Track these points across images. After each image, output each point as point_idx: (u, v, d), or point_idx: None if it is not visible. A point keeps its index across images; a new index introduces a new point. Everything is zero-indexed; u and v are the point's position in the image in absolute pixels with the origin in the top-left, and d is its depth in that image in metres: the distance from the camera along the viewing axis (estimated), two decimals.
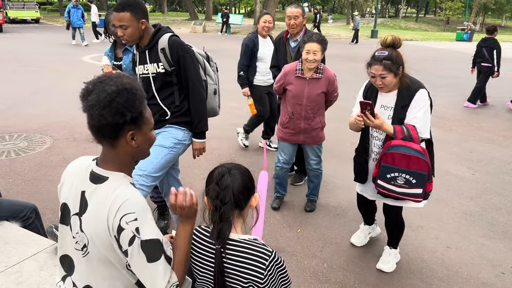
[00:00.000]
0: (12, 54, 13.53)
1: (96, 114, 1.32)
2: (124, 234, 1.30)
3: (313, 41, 3.34)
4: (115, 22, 2.49)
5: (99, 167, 1.42)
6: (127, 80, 1.38)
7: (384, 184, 2.61)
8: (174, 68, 2.65)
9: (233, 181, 1.43)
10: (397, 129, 2.55)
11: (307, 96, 3.51)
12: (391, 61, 2.53)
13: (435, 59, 16.95)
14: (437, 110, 8.12)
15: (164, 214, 3.63)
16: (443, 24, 49.15)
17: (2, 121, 6.23)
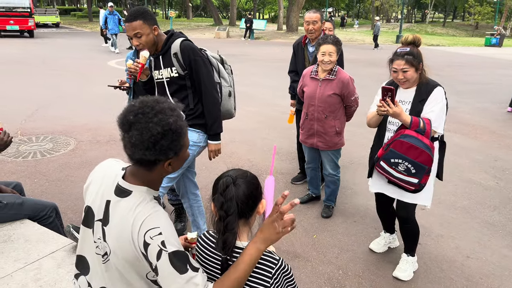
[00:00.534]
0: (41, 58, 13.99)
1: (139, 153, 1.32)
2: (151, 249, 1.30)
3: (328, 43, 3.42)
4: (129, 33, 2.56)
5: (125, 180, 1.42)
6: (172, 119, 1.33)
7: (385, 166, 2.74)
8: (187, 72, 2.71)
9: (237, 192, 1.39)
10: (414, 121, 2.63)
11: (319, 97, 3.56)
12: (413, 56, 2.66)
13: (462, 65, 16.58)
14: (462, 116, 7.93)
15: (181, 217, 3.68)
16: (471, 29, 47.99)
17: (30, 123, 6.44)
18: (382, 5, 51.46)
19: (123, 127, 1.34)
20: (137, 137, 1.30)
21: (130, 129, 1.31)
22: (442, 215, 4.00)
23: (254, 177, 1.48)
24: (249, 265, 1.35)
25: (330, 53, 3.41)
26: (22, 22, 21.45)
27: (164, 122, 1.31)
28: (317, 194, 4.17)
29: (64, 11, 62.00)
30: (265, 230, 1.38)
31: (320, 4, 51.45)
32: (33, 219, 2.75)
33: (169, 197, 3.61)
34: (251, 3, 55.76)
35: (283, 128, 6.78)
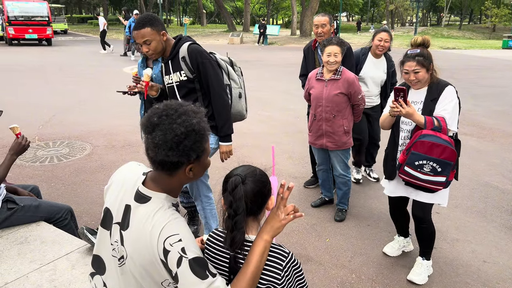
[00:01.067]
0: (58, 66, 14.28)
1: (162, 154, 1.33)
2: (171, 256, 1.30)
3: (333, 44, 3.47)
4: (138, 40, 2.59)
5: (145, 185, 1.43)
6: (195, 120, 1.35)
7: (410, 170, 2.70)
8: (195, 75, 2.75)
9: (246, 191, 1.42)
10: (428, 120, 2.65)
11: (326, 97, 3.59)
12: (423, 57, 2.71)
13: (479, 68, 16.33)
14: (478, 120, 7.81)
15: (194, 220, 3.70)
16: (488, 32, 47.30)
17: (47, 129, 6.58)
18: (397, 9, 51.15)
19: (147, 129, 1.35)
20: (160, 137, 1.31)
21: (154, 130, 1.33)
22: (458, 219, 3.93)
23: (263, 174, 1.50)
24: (260, 257, 1.38)
25: (336, 53, 3.46)
26: (40, 31, 21.97)
27: (187, 123, 1.33)
28: (330, 198, 4.15)
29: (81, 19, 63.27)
30: (270, 220, 1.45)
31: (334, 8, 51.41)
32: (49, 221, 2.80)
33: (181, 199, 3.63)
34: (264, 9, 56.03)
35: (296, 132, 6.78)
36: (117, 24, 51.92)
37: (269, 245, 1.42)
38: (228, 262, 1.47)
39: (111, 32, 37.43)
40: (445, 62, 18.05)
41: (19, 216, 2.70)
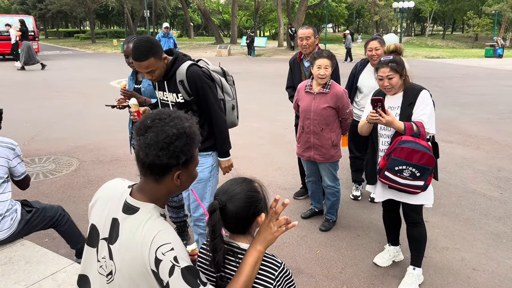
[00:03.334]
0: (45, 80, 14.16)
1: (152, 154, 1.33)
2: (163, 266, 1.29)
3: (324, 57, 3.50)
4: (142, 70, 2.48)
5: (132, 196, 1.42)
6: (187, 124, 1.38)
7: (390, 175, 2.77)
8: (193, 98, 2.67)
9: (226, 215, 1.44)
10: (408, 126, 2.72)
11: (314, 110, 3.60)
12: (396, 63, 2.81)
13: (463, 76, 16.62)
14: (464, 128, 7.92)
15: (183, 234, 3.66)
16: (471, 41, 48.28)
17: (33, 145, 6.49)
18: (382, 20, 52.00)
19: (140, 131, 1.37)
20: (152, 137, 1.33)
21: (147, 132, 1.35)
22: (447, 227, 3.96)
23: (249, 195, 1.48)
24: (252, 267, 1.40)
25: (326, 66, 3.48)
26: None
27: (179, 126, 1.36)
28: (319, 209, 4.15)
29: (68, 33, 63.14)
30: (263, 232, 1.46)
31: (320, 20, 52.14)
32: (55, 223, 2.96)
33: (170, 214, 3.60)
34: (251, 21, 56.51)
35: (285, 143, 6.80)
36: (104, 37, 51.89)
37: (262, 256, 1.43)
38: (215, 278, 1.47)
39: (97, 45, 37.34)
40: (430, 71, 18.34)
41: (36, 218, 2.86)
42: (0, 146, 2.75)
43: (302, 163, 4.02)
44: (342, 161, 4.83)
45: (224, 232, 1.51)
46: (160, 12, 53.44)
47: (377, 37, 4.10)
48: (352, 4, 50.92)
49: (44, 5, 46.01)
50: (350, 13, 58.19)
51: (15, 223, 2.73)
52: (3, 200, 2.67)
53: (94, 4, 43.08)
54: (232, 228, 1.49)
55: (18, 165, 2.82)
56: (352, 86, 4.31)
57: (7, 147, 2.76)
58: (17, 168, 2.81)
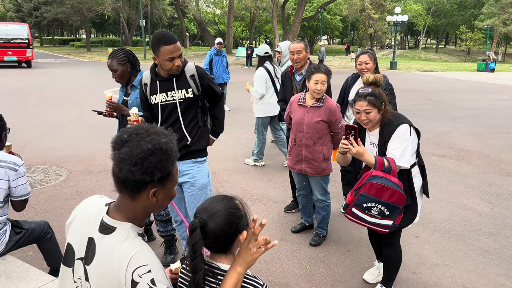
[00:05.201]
0: (37, 89, 14.09)
1: (125, 169, 1.29)
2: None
3: (321, 72, 3.48)
4: (176, 53, 2.62)
5: (109, 215, 1.38)
6: (164, 140, 1.34)
7: (358, 212, 2.64)
8: (201, 93, 2.86)
9: (206, 234, 1.41)
10: (378, 160, 2.58)
11: (307, 124, 3.59)
12: (375, 97, 2.65)
13: (455, 90, 16.77)
14: (455, 142, 7.95)
15: (171, 248, 3.60)
16: (463, 55, 48.90)
17: (22, 154, 6.40)
18: (376, 32, 52.57)
19: (116, 145, 1.33)
20: (127, 152, 1.29)
21: (122, 146, 1.31)
22: (437, 242, 3.93)
23: (230, 212, 1.45)
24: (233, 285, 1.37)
25: (323, 81, 3.47)
26: (20, 53, 21.75)
27: (155, 141, 1.32)
28: (310, 223, 4.11)
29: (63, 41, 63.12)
30: (242, 253, 1.42)
31: (315, 32, 52.59)
32: (38, 239, 2.90)
33: (158, 228, 3.54)
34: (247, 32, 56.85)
35: (277, 155, 6.77)
36: (100, 46, 51.92)
37: (242, 277, 1.40)
38: None
39: (92, 54, 37.35)
40: (423, 84, 18.49)
41: (24, 239, 2.79)
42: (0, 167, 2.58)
43: (293, 176, 3.98)
44: (333, 174, 4.83)
45: (205, 252, 1.47)
46: (156, 22, 53.61)
47: (368, 51, 4.09)
48: (347, 16, 51.46)
49: (40, 13, 46.01)
50: (344, 25, 58.78)
51: (2, 245, 2.65)
52: None
53: (90, 12, 43.16)
54: (213, 247, 1.46)
55: (19, 186, 2.63)
56: (343, 100, 4.31)
57: (9, 168, 2.59)
58: (17, 189, 2.63)
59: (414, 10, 49.10)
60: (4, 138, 2.73)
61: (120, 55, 3.18)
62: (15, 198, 2.66)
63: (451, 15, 53.93)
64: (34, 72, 20.15)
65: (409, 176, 2.71)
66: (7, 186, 2.60)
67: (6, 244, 2.66)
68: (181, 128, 2.84)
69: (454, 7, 53.14)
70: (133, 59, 3.25)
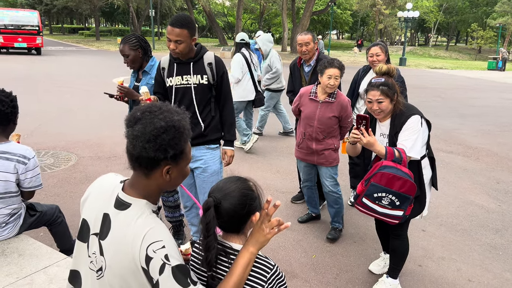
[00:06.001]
0: (47, 75, 14.17)
1: (139, 146, 1.31)
2: (153, 263, 1.27)
3: (335, 67, 3.41)
4: (171, 36, 2.62)
5: (124, 192, 1.40)
6: (177, 117, 1.35)
7: (368, 202, 2.64)
8: (215, 82, 2.86)
9: (220, 213, 1.42)
10: (389, 151, 2.58)
11: (318, 119, 3.55)
12: (388, 87, 2.64)
13: (465, 88, 16.63)
14: (464, 139, 7.91)
15: (179, 234, 3.64)
16: (474, 53, 48.39)
17: (32, 139, 6.47)
18: (386, 28, 52.11)
19: (129, 123, 1.34)
20: (140, 129, 1.30)
21: (136, 124, 1.32)
22: (444, 237, 3.94)
23: (244, 193, 1.46)
24: (244, 268, 1.38)
25: (336, 76, 3.40)
26: (30, 40, 21.84)
27: (168, 119, 1.33)
28: (316, 214, 4.12)
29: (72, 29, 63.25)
30: (255, 233, 1.43)
31: (324, 26, 52.26)
32: (49, 223, 2.94)
33: (166, 214, 3.58)
34: (256, 25, 56.63)
35: (284, 146, 6.78)
36: (109, 35, 51.99)
37: (254, 257, 1.41)
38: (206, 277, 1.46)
39: (101, 42, 37.44)
40: (433, 81, 18.35)
41: (36, 222, 2.83)
42: (7, 159, 2.53)
43: (298, 168, 3.96)
44: (340, 167, 4.83)
45: (218, 231, 1.49)
46: (165, 12, 53.54)
47: (379, 43, 4.07)
48: (357, 11, 51.04)
49: (50, 1, 46.11)
50: (354, 20, 58.31)
51: (16, 228, 2.68)
52: (5, 214, 2.58)
53: (100, 1, 43.18)
54: (226, 226, 1.48)
55: (27, 179, 2.59)
56: (354, 92, 4.31)
57: (17, 161, 2.54)
58: (25, 182, 2.60)
59: (425, 7, 48.61)
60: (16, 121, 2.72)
61: (132, 40, 3.20)
62: (24, 189, 2.65)
63: (463, 12, 53.30)
64: (44, 59, 20.25)
65: (419, 168, 2.71)
66: (16, 178, 2.57)
67: (20, 227, 2.70)
68: (195, 113, 2.85)
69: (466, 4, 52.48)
70: (145, 44, 3.27)
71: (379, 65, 2.76)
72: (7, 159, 2.53)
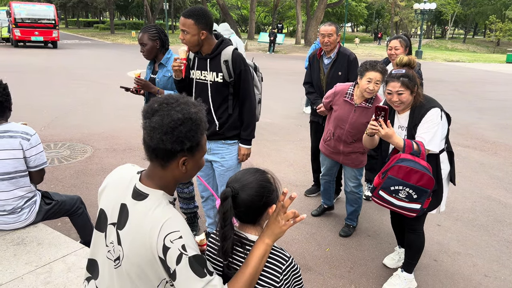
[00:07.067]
0: (63, 68, 14.35)
1: (156, 138, 1.32)
2: (171, 253, 1.29)
3: (377, 71, 3.16)
4: (180, 26, 2.63)
5: (141, 182, 1.42)
6: (194, 110, 1.36)
7: (385, 195, 2.60)
8: (232, 80, 2.78)
9: (237, 204, 1.43)
10: (407, 143, 2.54)
11: (351, 123, 3.40)
12: (408, 78, 2.59)
13: (483, 81, 16.32)
14: (481, 133, 7.78)
15: (193, 225, 3.67)
16: (492, 46, 47.42)
17: (49, 130, 6.58)
18: (401, 21, 51.33)
19: (146, 114, 1.35)
20: (158, 121, 1.31)
21: (153, 116, 1.33)
22: (460, 232, 3.89)
23: (261, 185, 1.46)
24: (259, 259, 1.39)
25: (377, 81, 3.16)
26: (46, 33, 22.13)
27: (185, 111, 1.33)
28: (329, 205, 4.10)
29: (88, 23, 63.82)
30: (271, 225, 1.43)
31: (339, 19, 51.68)
32: (70, 213, 2.97)
33: (181, 205, 3.61)
34: (269, 18, 56.34)
35: (298, 140, 6.76)
36: (123, 28, 52.32)
37: (269, 249, 1.42)
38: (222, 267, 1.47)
39: (116, 36, 37.71)
40: (450, 75, 18.05)
41: (54, 211, 2.85)
42: (11, 137, 2.54)
43: (321, 161, 3.87)
44: None
45: (234, 222, 1.50)
46: (179, 5, 53.58)
47: (400, 36, 4.00)
48: (372, 4, 50.37)
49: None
50: (369, 13, 57.58)
51: (33, 214, 2.71)
52: (18, 196, 2.61)
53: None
54: (242, 217, 1.48)
55: (32, 157, 2.62)
56: None
57: (21, 137, 2.57)
58: (31, 159, 2.62)
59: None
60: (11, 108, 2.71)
61: (152, 30, 3.22)
62: (31, 169, 2.66)
63: (481, 4, 52.19)
64: (60, 53, 20.50)
65: (437, 162, 2.67)
66: (23, 155, 2.59)
67: (36, 213, 2.74)
68: (210, 111, 2.84)
69: None
70: (164, 37, 3.28)
71: (400, 56, 2.70)
72: (10, 137, 2.55)
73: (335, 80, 3.93)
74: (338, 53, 3.98)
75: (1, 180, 2.55)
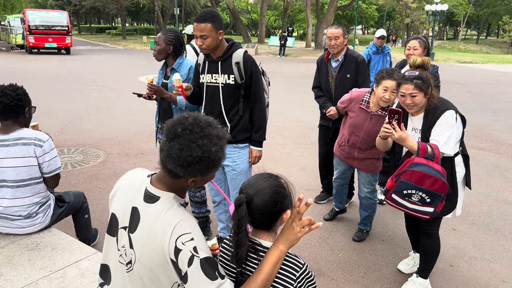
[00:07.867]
0: (76, 74, 14.52)
1: (171, 165, 1.33)
2: (182, 255, 1.29)
3: (394, 79, 3.08)
4: (196, 32, 2.64)
5: (152, 185, 1.43)
6: (215, 148, 1.33)
7: (397, 198, 2.58)
8: (244, 82, 2.80)
9: (252, 209, 1.42)
10: (421, 147, 2.50)
11: (367, 130, 3.36)
12: (422, 80, 2.55)
13: (496, 82, 16.09)
14: (496, 135, 7.66)
15: (205, 230, 3.67)
16: (506, 47, 46.75)
17: (62, 135, 6.65)
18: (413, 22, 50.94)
19: (168, 135, 1.34)
20: (176, 151, 1.30)
21: (173, 140, 1.31)
22: (476, 236, 3.82)
23: (275, 191, 1.45)
24: (273, 266, 1.37)
25: (393, 90, 3.09)
26: (60, 40, 22.44)
27: (206, 148, 1.31)
28: (341, 208, 4.05)
29: (100, 29, 64.60)
30: (285, 231, 1.41)
31: (349, 21, 51.50)
32: (78, 210, 3.05)
33: (192, 209, 3.61)
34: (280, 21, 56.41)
35: (308, 143, 6.73)
36: (135, 34, 52.86)
37: (284, 255, 1.40)
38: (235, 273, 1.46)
39: (128, 41, 38.10)
40: (463, 76, 17.83)
41: (65, 212, 2.92)
42: (24, 144, 2.56)
43: (334, 164, 3.83)
44: None
45: (248, 228, 1.49)
46: (190, 10, 53.97)
47: (420, 37, 3.97)
48: (383, 6, 50.09)
49: (79, 1, 47.29)
50: (380, 15, 57.27)
51: (48, 218, 2.75)
52: (34, 202, 2.64)
53: (126, 1, 43.93)
54: (257, 223, 1.47)
55: (45, 163, 2.62)
56: None
57: (34, 144, 2.58)
58: (44, 165, 2.63)
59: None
60: (27, 114, 2.71)
61: (170, 35, 3.26)
62: (45, 175, 2.67)
63: (494, 4, 51.52)
64: (73, 59, 20.77)
65: (452, 165, 2.63)
66: (37, 162, 2.60)
67: (50, 217, 2.78)
68: (222, 114, 2.85)
69: None
70: (179, 45, 3.30)
71: (413, 57, 2.68)
72: (24, 144, 2.57)
73: (344, 82, 3.94)
74: (346, 56, 3.97)
75: (16, 187, 2.57)
